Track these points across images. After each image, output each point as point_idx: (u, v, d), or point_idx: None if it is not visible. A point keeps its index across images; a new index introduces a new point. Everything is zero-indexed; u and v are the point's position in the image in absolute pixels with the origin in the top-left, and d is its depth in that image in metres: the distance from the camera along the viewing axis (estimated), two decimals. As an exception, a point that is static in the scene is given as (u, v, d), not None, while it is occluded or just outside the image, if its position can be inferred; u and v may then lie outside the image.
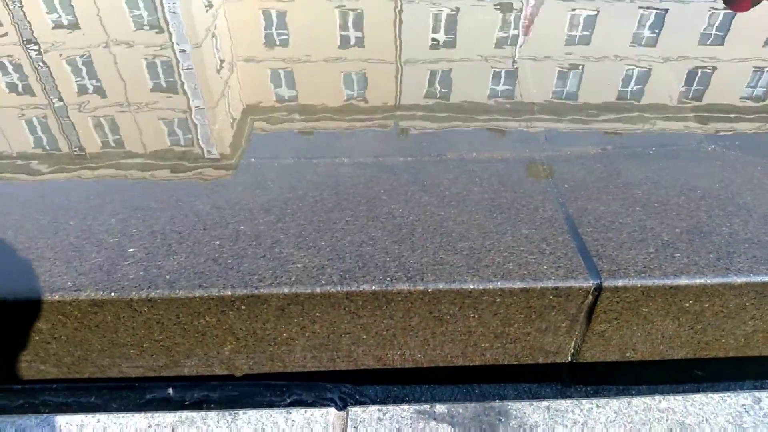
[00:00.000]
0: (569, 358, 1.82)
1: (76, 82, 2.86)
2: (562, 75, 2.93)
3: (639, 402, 1.40)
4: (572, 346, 1.78)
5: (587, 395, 1.89)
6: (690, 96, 2.75)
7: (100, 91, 2.78)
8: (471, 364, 1.82)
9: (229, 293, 1.57)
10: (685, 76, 2.93)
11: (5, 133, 2.47)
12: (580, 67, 2.99)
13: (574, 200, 1.96)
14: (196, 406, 1.79)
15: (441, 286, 1.58)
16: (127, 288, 1.60)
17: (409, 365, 1.81)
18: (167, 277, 1.63)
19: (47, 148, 2.37)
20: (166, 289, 1.59)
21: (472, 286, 1.59)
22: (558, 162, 2.20)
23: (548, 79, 2.90)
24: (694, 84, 2.85)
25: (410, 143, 2.33)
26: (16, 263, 1.69)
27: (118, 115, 2.60)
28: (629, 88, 2.80)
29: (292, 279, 1.60)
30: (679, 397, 1.40)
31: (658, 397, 1.41)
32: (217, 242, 1.76)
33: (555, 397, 1.89)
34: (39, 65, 3.00)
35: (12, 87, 2.83)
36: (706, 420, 1.36)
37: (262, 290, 1.57)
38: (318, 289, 1.58)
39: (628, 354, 1.81)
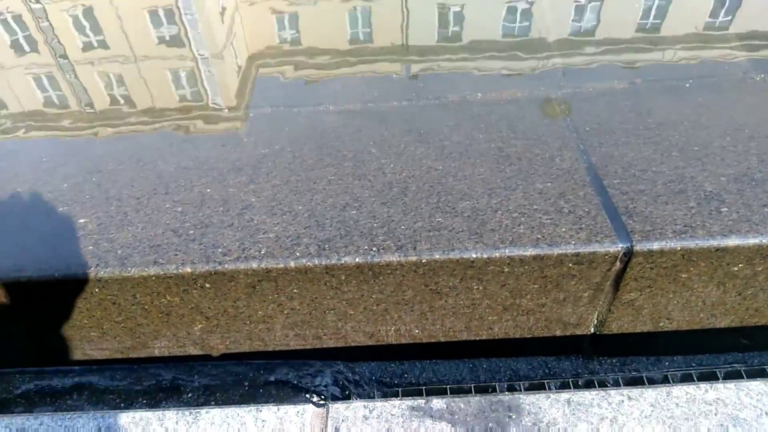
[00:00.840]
0: (592, 330, 1.58)
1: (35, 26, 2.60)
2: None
3: (680, 392, 1.15)
4: (595, 317, 1.54)
5: (613, 371, 1.65)
6: (731, 16, 2.39)
7: (50, 35, 2.51)
8: (477, 338, 1.58)
9: (189, 270, 1.34)
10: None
11: (-40, 89, 2.23)
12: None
13: (598, 146, 1.68)
14: (172, 389, 1.59)
15: (437, 256, 1.33)
16: (74, 266, 1.38)
17: (406, 341, 1.58)
18: (119, 252, 1.40)
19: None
20: (116, 267, 1.36)
21: (474, 255, 1.33)
22: (578, 100, 1.90)
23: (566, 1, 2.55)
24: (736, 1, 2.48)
25: (405, 85, 2.03)
26: (-50, 240, 1.48)
27: (70, 62, 2.34)
28: (658, 9, 2.45)
29: (262, 252, 1.36)
30: (731, 386, 1.16)
31: (704, 386, 1.16)
32: (179, 209, 1.52)
33: (575, 370, 1.65)
34: None
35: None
36: (767, 413, 1.11)
37: (226, 266, 1.34)
38: (292, 263, 1.34)
39: (661, 324, 1.56)
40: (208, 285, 1.37)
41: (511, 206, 1.46)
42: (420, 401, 1.15)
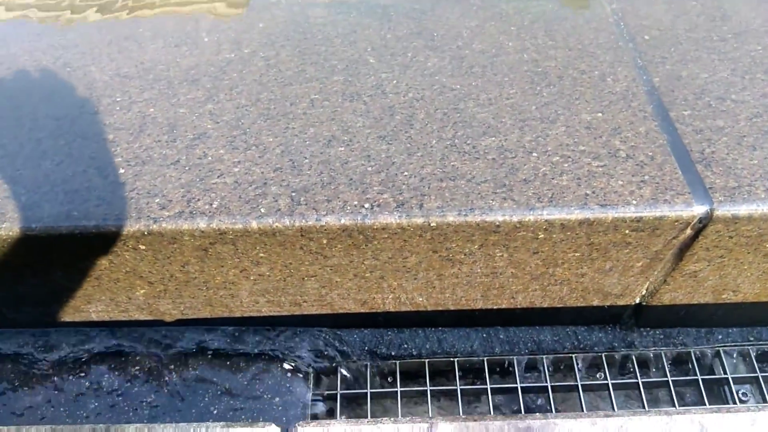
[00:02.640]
0: (637, 301, 1.27)
1: None
2: None
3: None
4: (645, 288, 1.22)
5: (655, 344, 1.35)
6: None
7: None
8: (495, 307, 1.27)
9: (113, 229, 0.99)
10: None
11: None
12: None
13: (661, 62, 1.29)
14: (114, 355, 1.30)
15: (451, 218, 0.98)
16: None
17: (406, 309, 1.27)
18: (23, 199, 1.04)
19: None
20: (15, 222, 1.01)
21: (501, 218, 0.99)
22: (636, -1, 1.48)
23: None
24: None
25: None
26: None
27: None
28: None
29: (214, 205, 1.01)
30: None
31: None
32: (110, 136, 1.15)
33: (610, 343, 1.36)
34: None
35: None
36: None
37: (164, 225, 0.99)
38: (254, 224, 0.99)
39: (725, 296, 1.24)
40: (142, 247, 1.03)
41: (549, 146, 1.10)
42: (422, 427, 0.84)
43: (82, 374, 1.26)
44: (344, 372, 1.32)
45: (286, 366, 1.28)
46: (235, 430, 0.85)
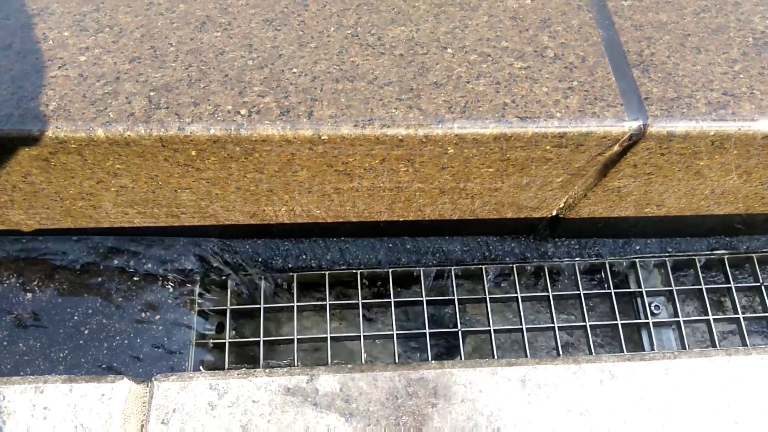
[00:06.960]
0: (554, 213, 1.17)
1: None
2: None
3: (683, 366, 0.78)
4: (564, 201, 1.11)
5: (569, 255, 1.28)
6: None
7: None
8: (401, 219, 1.15)
9: None
10: None
11: None
12: None
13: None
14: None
15: (346, 130, 0.82)
16: None
17: (303, 221, 1.13)
18: None
19: None
20: None
21: (404, 132, 0.83)
22: None
23: None
24: None
25: None
26: None
27: None
28: None
29: (51, 107, 0.81)
30: (759, 357, 0.79)
31: (718, 359, 0.79)
32: None
33: (522, 254, 1.28)
34: None
35: None
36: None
37: (-15, 131, 0.79)
38: (100, 132, 0.80)
39: (647, 210, 1.16)
40: (-37, 157, 0.83)
41: (468, 40, 0.93)
42: (300, 379, 0.74)
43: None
44: (235, 285, 1.20)
45: (168, 280, 1.14)
46: (79, 385, 0.72)
